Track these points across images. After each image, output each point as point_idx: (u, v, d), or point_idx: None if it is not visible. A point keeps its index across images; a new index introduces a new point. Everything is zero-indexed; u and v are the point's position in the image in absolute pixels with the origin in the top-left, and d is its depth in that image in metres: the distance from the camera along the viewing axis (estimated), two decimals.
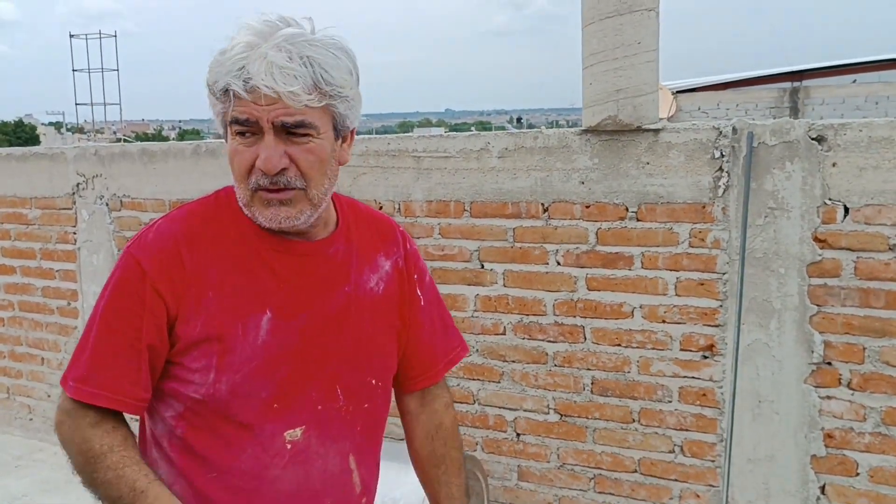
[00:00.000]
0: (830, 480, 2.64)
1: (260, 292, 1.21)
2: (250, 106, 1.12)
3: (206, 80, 1.16)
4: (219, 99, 1.15)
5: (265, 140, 1.14)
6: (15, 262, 4.36)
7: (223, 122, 1.18)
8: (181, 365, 1.20)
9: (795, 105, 14.06)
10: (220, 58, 1.14)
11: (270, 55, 1.10)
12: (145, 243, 1.21)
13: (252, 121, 1.13)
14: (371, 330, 1.32)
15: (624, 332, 2.88)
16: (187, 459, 1.23)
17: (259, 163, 1.14)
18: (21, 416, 4.47)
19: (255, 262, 1.22)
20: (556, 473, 3.08)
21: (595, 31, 2.76)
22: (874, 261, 2.51)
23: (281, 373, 1.21)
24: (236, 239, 1.23)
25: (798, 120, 2.60)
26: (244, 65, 1.10)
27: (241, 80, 1.10)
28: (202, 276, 1.19)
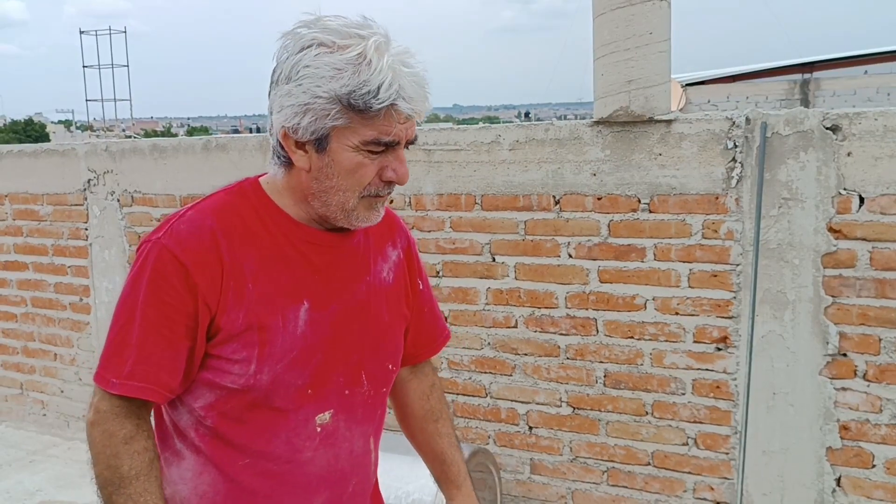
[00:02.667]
0: (846, 472, 2.63)
1: (297, 283, 1.24)
2: (396, 126, 1.15)
3: (326, 89, 1.12)
4: (354, 111, 1.13)
5: (399, 155, 1.20)
6: (27, 258, 4.38)
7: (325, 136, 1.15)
8: (220, 356, 1.20)
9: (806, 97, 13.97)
10: (357, 70, 1.11)
11: (411, 74, 1.14)
12: (181, 236, 1.18)
13: (395, 141, 1.16)
14: (388, 318, 1.37)
15: (637, 324, 2.87)
16: (218, 447, 1.24)
17: (397, 177, 1.20)
18: (35, 411, 4.50)
19: (292, 253, 1.24)
20: (568, 467, 3.07)
21: (606, 22, 2.75)
22: (890, 251, 2.49)
23: (315, 360, 1.25)
24: (272, 230, 1.24)
25: (812, 109, 2.58)
26: (399, 84, 1.12)
27: (404, 101, 1.13)
28: (240, 268, 1.19)
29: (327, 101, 1.12)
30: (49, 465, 3.99)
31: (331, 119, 1.13)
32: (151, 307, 1.16)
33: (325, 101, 1.12)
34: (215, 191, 1.29)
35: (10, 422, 4.57)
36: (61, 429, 4.40)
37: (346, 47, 1.12)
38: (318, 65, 1.12)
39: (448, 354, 3.24)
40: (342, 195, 1.19)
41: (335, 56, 1.12)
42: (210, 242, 1.18)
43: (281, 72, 1.16)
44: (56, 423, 4.41)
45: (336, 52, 1.12)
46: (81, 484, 3.75)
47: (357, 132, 1.14)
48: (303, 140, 1.17)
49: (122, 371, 1.17)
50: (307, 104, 1.13)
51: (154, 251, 1.18)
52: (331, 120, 1.13)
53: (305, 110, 1.14)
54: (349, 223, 1.24)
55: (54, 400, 4.41)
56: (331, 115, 1.13)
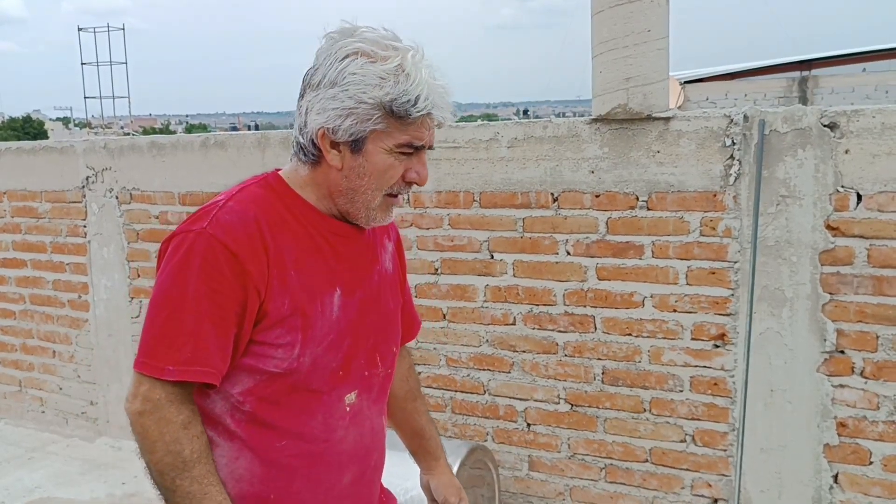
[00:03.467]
0: (843, 469, 2.63)
1: (330, 272, 1.33)
2: (427, 133, 1.28)
3: (371, 95, 1.22)
4: (394, 116, 1.24)
5: (423, 158, 1.32)
6: (26, 255, 4.38)
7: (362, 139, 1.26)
8: (264, 342, 1.26)
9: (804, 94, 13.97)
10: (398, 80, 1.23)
11: (440, 86, 1.26)
12: (228, 225, 1.23)
13: (424, 145, 1.29)
14: (392, 304, 1.49)
15: (634, 321, 2.88)
16: (255, 431, 1.29)
17: (420, 179, 1.32)
18: (33, 408, 4.50)
19: (322, 243, 1.33)
20: (566, 463, 3.08)
21: (605, 20, 2.75)
22: (888, 248, 2.49)
23: (346, 343, 1.35)
24: (302, 221, 1.32)
25: (810, 107, 2.58)
26: (434, 94, 1.25)
27: (439, 109, 1.27)
28: (282, 257, 1.27)
29: (371, 107, 1.23)
30: (48, 463, 3.99)
31: (372, 123, 1.24)
32: (205, 296, 1.21)
33: (368, 107, 1.23)
34: (243, 183, 1.35)
35: (9, 419, 4.57)
36: (60, 426, 4.40)
37: (386, 58, 1.24)
38: (365, 73, 1.22)
39: (446, 351, 3.24)
40: (369, 194, 1.30)
41: (378, 66, 1.23)
42: (256, 231, 1.25)
43: (324, 76, 1.26)
44: (55, 421, 4.41)
45: (378, 63, 1.23)
46: (80, 481, 3.75)
47: (393, 136, 1.26)
48: (339, 140, 1.27)
49: (179, 358, 1.20)
50: (351, 108, 1.23)
51: (201, 241, 1.22)
52: (372, 124, 1.24)
53: (349, 114, 1.24)
54: (366, 222, 1.35)
55: (53, 397, 4.41)
56: (372, 119, 1.24)
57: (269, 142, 3.54)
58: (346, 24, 1.29)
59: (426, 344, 3.28)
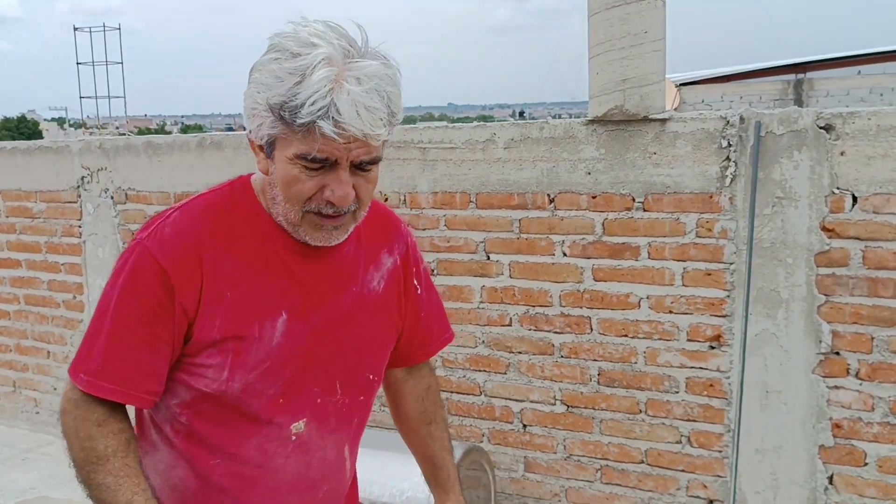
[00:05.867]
0: (838, 470, 2.64)
1: (277, 293, 1.22)
2: (331, 145, 1.08)
3: (264, 97, 1.09)
4: (284, 122, 1.08)
5: (340, 176, 1.12)
6: (20, 255, 4.36)
7: (271, 143, 1.13)
8: (193, 361, 1.20)
9: (800, 97, 14.03)
10: (292, 82, 1.06)
11: (356, 94, 1.06)
12: (163, 239, 1.17)
13: (331, 160, 1.10)
14: (372, 328, 1.35)
15: (630, 322, 2.88)
16: (191, 444, 1.25)
17: (334, 199, 1.13)
18: (28, 409, 4.49)
19: (274, 262, 1.22)
20: (562, 464, 3.08)
21: (601, 21, 2.75)
22: (883, 250, 2.50)
23: (289, 370, 1.24)
24: (256, 236, 1.21)
25: (806, 109, 2.59)
26: (330, 101, 1.05)
27: (331, 121, 1.05)
28: (220, 275, 1.18)
29: (264, 109, 1.10)
30: (43, 463, 3.97)
31: (267, 127, 1.11)
32: (125, 307, 1.16)
33: (262, 109, 1.10)
34: (208, 189, 1.27)
35: (4, 420, 4.55)
36: (55, 426, 4.36)
37: (296, 56, 1.07)
38: (265, 71, 1.09)
39: (442, 352, 3.24)
40: (284, 206, 1.17)
41: (282, 64, 1.08)
42: (193, 247, 1.17)
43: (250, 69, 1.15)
44: (49, 421, 4.40)
45: (285, 61, 1.08)
46: (75, 482, 3.74)
47: (291, 144, 1.10)
48: (259, 144, 1.16)
49: (90, 368, 1.17)
50: (253, 109, 1.12)
51: (136, 252, 1.18)
52: (267, 128, 1.11)
53: (252, 115, 1.13)
54: (306, 241, 1.21)
55: (47, 398, 4.40)
56: (266, 123, 1.11)
57: None
58: (303, 19, 1.14)
59: None
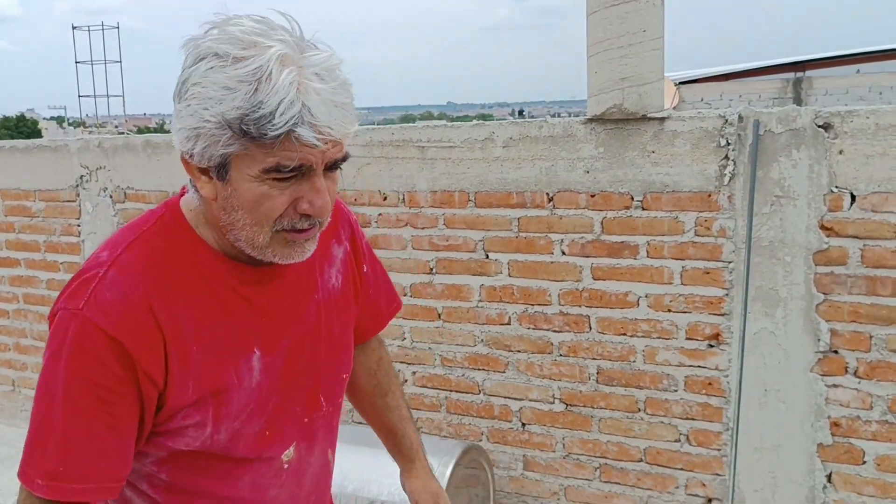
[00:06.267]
0: (837, 469, 2.64)
1: (244, 332, 1.11)
2: (305, 150, 0.95)
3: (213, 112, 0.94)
4: (247, 137, 0.94)
5: (316, 183, 0.99)
6: (19, 254, 4.36)
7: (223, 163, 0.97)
8: (169, 427, 1.08)
9: (799, 96, 14.03)
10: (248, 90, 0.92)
11: (325, 92, 0.94)
12: (105, 304, 1.00)
13: (305, 166, 0.97)
14: (338, 329, 1.28)
15: (629, 321, 2.88)
16: (174, 496, 1.15)
17: (312, 210, 1.00)
18: (27, 408, 4.48)
19: (232, 299, 1.09)
20: (561, 463, 3.08)
21: (600, 20, 2.75)
22: (881, 248, 2.50)
23: (272, 403, 1.16)
24: (204, 275, 1.07)
25: (804, 108, 2.59)
26: (301, 105, 0.93)
27: (307, 126, 0.93)
28: (180, 330, 1.04)
29: (216, 126, 0.94)
30: None
31: (222, 146, 0.95)
32: (77, 392, 0.99)
33: (213, 126, 0.94)
34: (130, 224, 1.12)
35: (3, 419, 4.55)
36: None
37: (242, 59, 0.93)
38: (207, 83, 0.94)
39: (441, 351, 3.24)
40: (249, 230, 1.02)
41: (228, 71, 0.93)
42: (143, 308, 1.01)
43: (176, 86, 0.99)
44: None
45: (230, 66, 0.93)
46: None
47: (255, 159, 0.95)
48: (202, 166, 0.99)
49: (49, 469, 1.01)
50: (197, 128, 0.96)
51: (75, 325, 0.99)
52: (222, 147, 0.95)
53: (197, 135, 0.96)
54: (267, 259, 1.07)
55: None
56: (222, 141, 0.95)
57: None
58: (221, 15, 0.99)
59: (421, 344, 3.28)
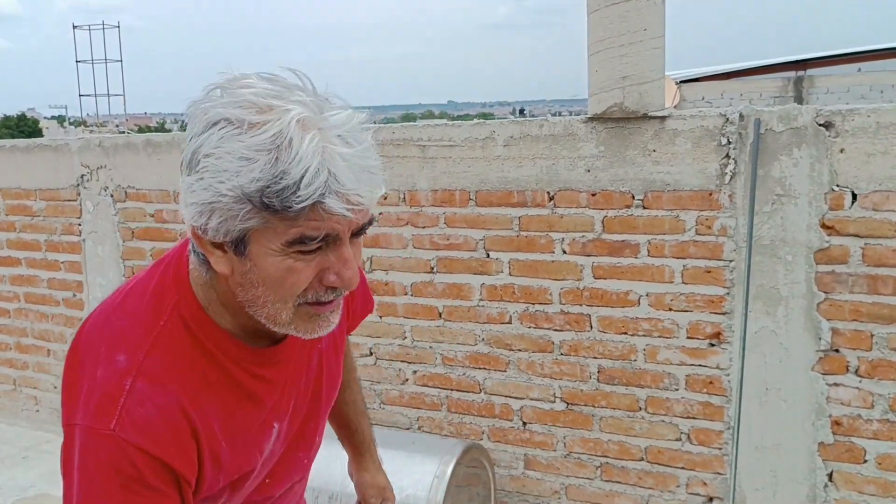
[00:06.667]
0: (838, 468, 2.64)
1: (266, 413, 1.08)
2: (332, 220, 0.87)
3: (231, 185, 0.85)
4: (270, 210, 0.85)
5: (343, 253, 0.92)
6: (20, 253, 4.36)
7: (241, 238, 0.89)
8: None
9: (800, 94, 14.03)
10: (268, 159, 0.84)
11: (351, 156, 0.87)
12: (140, 421, 0.93)
13: (332, 235, 0.89)
14: (336, 367, 1.25)
15: (630, 320, 2.88)
16: None
17: (341, 283, 0.93)
18: (28, 407, 4.49)
19: (252, 384, 1.05)
20: (562, 462, 3.08)
21: (600, 18, 2.75)
22: (882, 247, 2.50)
23: (275, 457, 1.16)
24: (225, 367, 1.02)
25: (805, 106, 2.59)
26: (327, 172, 0.85)
27: (335, 195, 0.85)
28: (210, 429, 0.99)
29: (233, 200, 0.85)
30: (43, 461, 3.98)
31: (241, 221, 0.87)
32: None
33: (230, 200, 0.86)
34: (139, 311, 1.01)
35: (3, 418, 4.55)
36: (55, 424, 4.39)
37: (258, 126, 0.85)
38: (221, 153, 0.85)
39: (442, 350, 3.24)
40: (271, 307, 0.94)
41: (244, 139, 0.85)
42: (179, 418, 0.95)
43: (183, 156, 0.91)
44: (49, 419, 4.40)
45: (246, 134, 0.85)
46: None
47: (277, 232, 0.88)
48: (217, 241, 0.91)
49: None
50: (211, 203, 0.87)
51: (109, 448, 0.92)
52: (241, 221, 0.87)
53: (211, 210, 0.87)
54: (289, 333, 1.00)
55: (48, 396, 4.40)
56: (240, 215, 0.86)
57: None
58: (227, 75, 0.92)
59: (422, 343, 3.28)
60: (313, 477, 1.32)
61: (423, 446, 2.89)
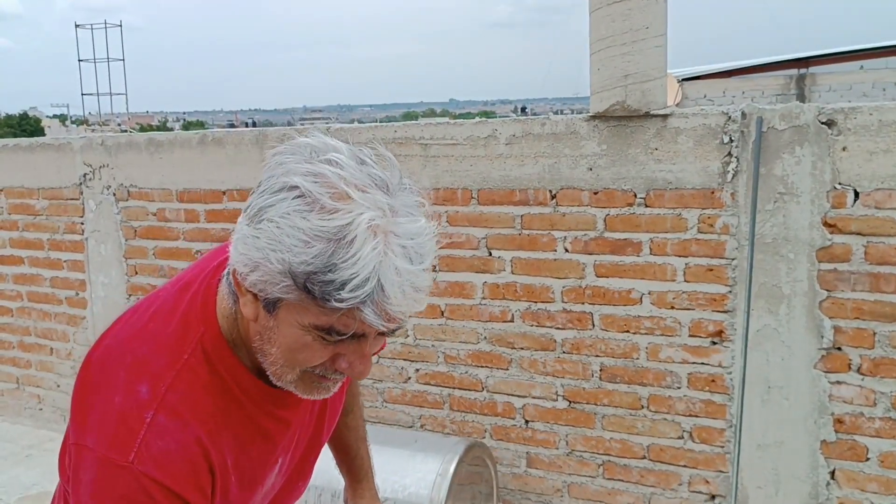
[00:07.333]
0: (840, 466, 2.64)
1: (275, 449, 1.10)
2: (364, 324, 0.87)
3: (281, 257, 0.84)
4: (307, 294, 0.85)
5: (363, 350, 0.93)
6: (23, 252, 4.37)
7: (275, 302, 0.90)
8: None
9: (802, 92, 13.99)
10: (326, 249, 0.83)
11: (407, 274, 0.85)
12: (159, 455, 0.93)
13: (358, 334, 0.90)
14: (338, 399, 1.27)
15: (632, 318, 2.88)
16: None
17: (350, 372, 0.95)
18: (31, 406, 4.50)
19: (267, 424, 1.07)
20: (564, 460, 3.08)
21: (603, 17, 2.75)
22: (884, 245, 2.50)
23: (275, 489, 1.18)
24: (245, 406, 1.03)
25: (808, 104, 2.59)
26: (377, 282, 0.83)
27: (375, 306, 0.85)
28: (226, 467, 1.01)
29: (279, 272, 0.85)
30: (45, 460, 3.98)
31: (279, 290, 0.87)
32: None
33: (276, 270, 0.85)
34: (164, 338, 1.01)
35: (7, 416, 4.57)
36: (58, 423, 4.39)
37: (330, 211, 0.84)
38: (284, 225, 0.84)
39: (444, 348, 3.24)
40: (279, 367, 0.96)
41: (310, 220, 0.83)
42: (198, 454, 0.96)
43: (249, 204, 0.90)
44: (52, 418, 4.41)
45: (314, 213, 0.84)
46: None
47: (309, 313, 0.88)
48: (252, 291, 0.91)
49: None
50: (258, 262, 0.87)
51: (125, 480, 0.91)
52: (279, 291, 0.87)
53: (256, 266, 0.87)
54: (292, 391, 1.01)
55: (50, 394, 4.41)
56: (280, 286, 0.86)
57: (267, 139, 3.54)
58: (319, 140, 0.90)
59: (424, 341, 3.28)
60: (316, 475, 1.32)
61: (425, 445, 2.90)
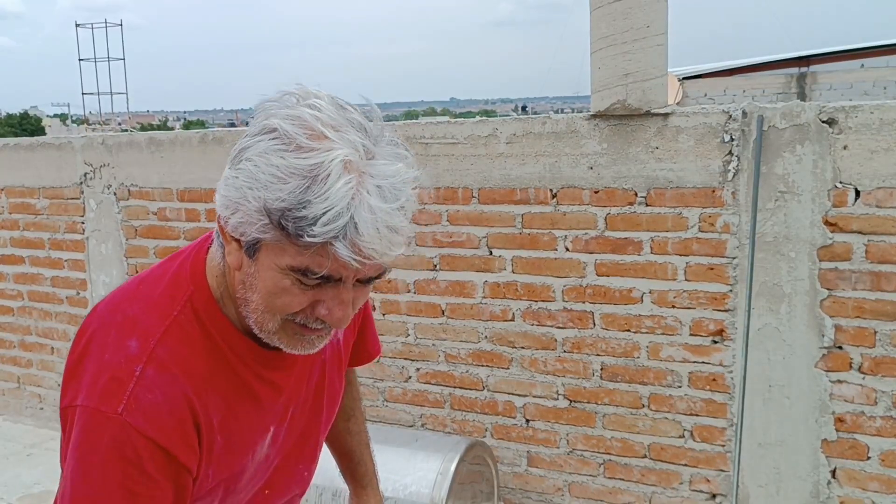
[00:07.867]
0: (841, 464, 2.64)
1: (264, 415, 1.09)
2: (338, 262, 0.87)
3: (257, 195, 0.86)
4: (282, 231, 0.86)
5: (342, 295, 0.93)
6: (24, 251, 4.37)
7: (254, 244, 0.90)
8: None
9: (803, 91, 13.99)
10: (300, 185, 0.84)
11: (380, 212, 0.86)
12: (151, 410, 0.93)
13: (335, 277, 0.90)
14: (338, 381, 1.26)
15: (633, 317, 2.88)
16: None
17: (330, 319, 0.94)
18: (32, 405, 4.50)
19: (258, 386, 1.06)
20: (565, 459, 3.08)
21: (603, 15, 2.75)
22: (886, 244, 2.50)
23: (274, 467, 1.16)
24: (233, 364, 1.03)
25: (808, 103, 2.59)
26: (349, 218, 0.84)
27: (348, 242, 0.85)
28: (211, 425, 1.00)
29: (256, 210, 0.86)
30: (46, 459, 3.99)
31: (256, 230, 0.88)
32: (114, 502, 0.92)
33: (253, 209, 0.87)
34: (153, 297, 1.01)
35: (8, 416, 4.57)
36: (59, 422, 4.40)
37: (304, 150, 0.85)
38: (261, 163, 0.86)
39: (445, 347, 3.25)
40: (260, 315, 0.96)
41: (286, 158, 0.85)
42: (185, 409, 0.96)
43: (234, 147, 0.92)
44: (53, 417, 4.41)
45: (290, 153, 0.85)
46: None
47: (286, 253, 0.88)
48: (235, 236, 0.93)
49: None
50: (237, 202, 0.89)
51: (112, 431, 0.91)
52: (256, 231, 0.88)
53: (235, 207, 0.89)
54: (277, 346, 1.00)
55: (51, 394, 4.41)
56: (257, 225, 0.88)
57: None
58: (304, 90, 0.92)
59: (425, 340, 3.28)
60: (317, 474, 1.33)
61: (426, 443, 2.90)
